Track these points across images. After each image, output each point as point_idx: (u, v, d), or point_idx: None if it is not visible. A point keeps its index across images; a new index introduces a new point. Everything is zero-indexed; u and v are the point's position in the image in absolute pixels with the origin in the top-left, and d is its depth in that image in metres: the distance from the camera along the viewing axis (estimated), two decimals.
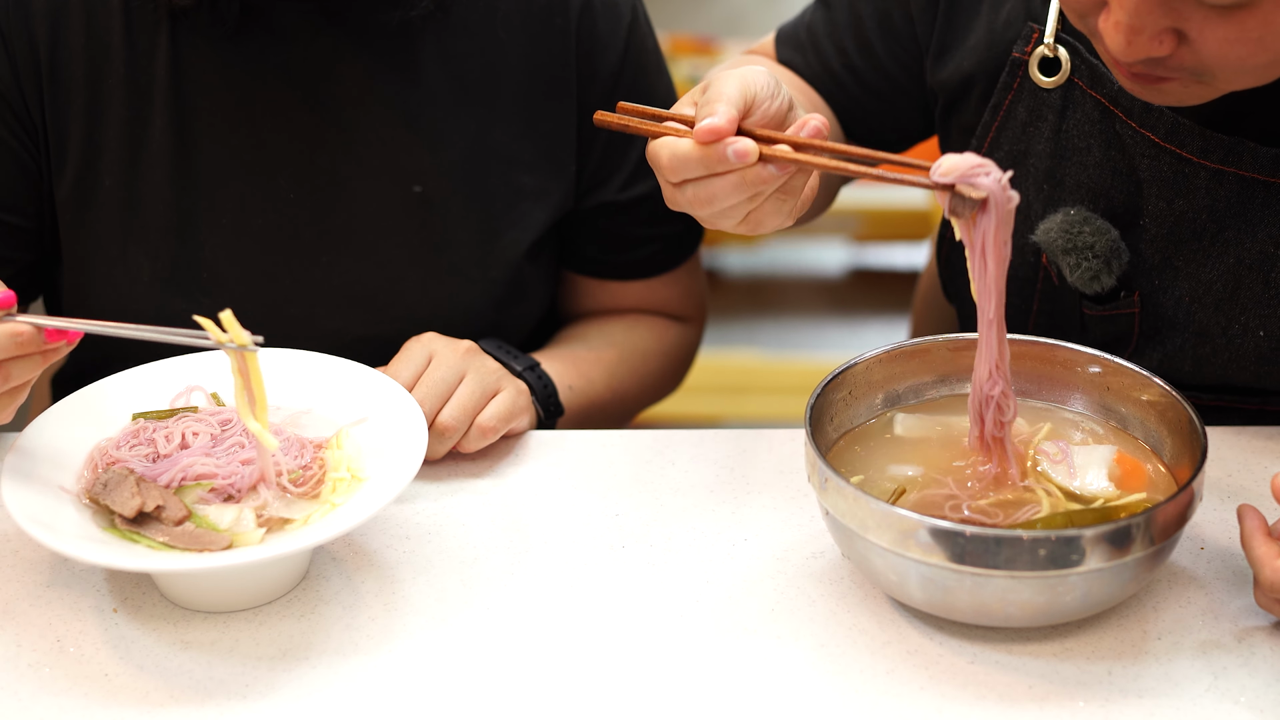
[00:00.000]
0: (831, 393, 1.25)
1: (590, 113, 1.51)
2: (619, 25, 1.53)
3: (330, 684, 1.13)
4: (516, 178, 1.50)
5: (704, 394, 3.03)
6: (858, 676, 1.13)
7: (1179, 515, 1.12)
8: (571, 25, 1.50)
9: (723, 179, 1.17)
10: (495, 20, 1.47)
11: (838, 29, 1.52)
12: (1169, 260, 1.34)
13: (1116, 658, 1.14)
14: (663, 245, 1.61)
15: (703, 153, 1.17)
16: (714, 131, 1.16)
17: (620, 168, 1.56)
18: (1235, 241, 1.32)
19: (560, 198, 1.54)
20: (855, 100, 1.53)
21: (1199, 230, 1.33)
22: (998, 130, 1.40)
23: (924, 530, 1.09)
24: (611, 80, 1.53)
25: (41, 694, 1.12)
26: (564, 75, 1.50)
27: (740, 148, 1.15)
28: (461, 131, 1.47)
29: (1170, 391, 1.21)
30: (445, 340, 1.39)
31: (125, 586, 1.22)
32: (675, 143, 1.18)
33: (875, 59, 1.51)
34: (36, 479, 1.19)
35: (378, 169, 1.45)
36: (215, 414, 1.28)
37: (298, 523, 1.18)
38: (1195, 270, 1.34)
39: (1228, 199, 1.31)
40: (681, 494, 1.33)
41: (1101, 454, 1.23)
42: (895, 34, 1.49)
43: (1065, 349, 1.28)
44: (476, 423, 1.35)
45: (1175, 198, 1.32)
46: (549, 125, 1.51)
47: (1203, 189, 1.31)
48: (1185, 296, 1.35)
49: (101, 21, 1.40)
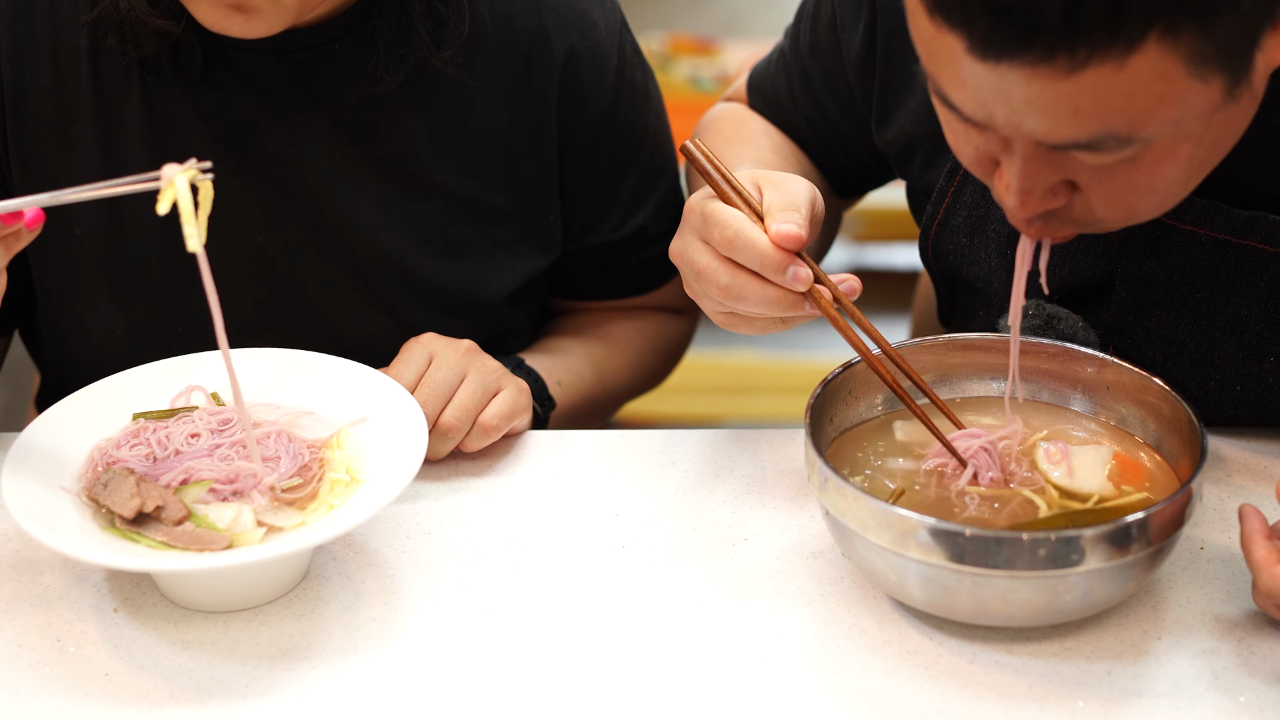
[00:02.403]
0: (831, 393, 1.25)
1: (575, 162, 1.48)
2: (605, 69, 1.48)
3: (330, 684, 1.13)
4: (492, 230, 1.47)
5: (704, 394, 3.03)
6: (858, 676, 1.13)
7: (1179, 515, 1.12)
8: (554, 75, 1.45)
9: (765, 287, 1.19)
10: (472, 71, 1.42)
11: (794, 85, 1.53)
12: (1141, 322, 1.32)
13: (1116, 658, 1.14)
14: (661, 261, 1.59)
15: (770, 253, 1.18)
16: (797, 240, 1.18)
17: (612, 209, 1.54)
18: (1208, 304, 1.29)
19: (542, 248, 1.51)
20: (822, 149, 1.54)
21: (1171, 292, 1.30)
22: (953, 196, 1.38)
23: (924, 530, 1.09)
24: (600, 126, 1.49)
25: (41, 694, 1.12)
26: (544, 127, 1.46)
27: (802, 273, 1.19)
28: (434, 184, 1.44)
29: (1170, 392, 1.21)
30: (445, 340, 1.38)
31: (125, 586, 1.22)
32: (750, 225, 1.19)
33: (828, 117, 1.51)
34: (36, 479, 1.19)
35: (352, 222, 1.42)
36: (215, 414, 1.28)
37: (297, 523, 1.18)
38: (1168, 331, 1.32)
39: (1200, 261, 1.28)
40: (681, 494, 1.33)
41: (1101, 454, 1.23)
42: (840, 96, 1.49)
43: (1065, 349, 1.28)
44: (479, 421, 1.34)
45: (1147, 260, 1.30)
46: (527, 178, 1.47)
47: (1175, 251, 1.29)
48: (1159, 355, 1.33)
49: (69, 65, 1.37)
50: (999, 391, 1.30)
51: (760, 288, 1.19)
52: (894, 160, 1.46)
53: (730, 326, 1.25)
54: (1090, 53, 0.96)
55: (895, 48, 1.40)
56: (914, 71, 1.39)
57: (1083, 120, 1.01)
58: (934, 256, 1.42)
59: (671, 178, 1.59)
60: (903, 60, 1.39)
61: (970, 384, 1.31)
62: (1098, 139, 1.02)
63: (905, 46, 1.38)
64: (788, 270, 1.18)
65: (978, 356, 1.30)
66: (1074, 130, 1.02)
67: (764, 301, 1.19)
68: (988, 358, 1.30)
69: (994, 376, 1.31)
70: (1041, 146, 1.05)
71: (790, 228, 1.18)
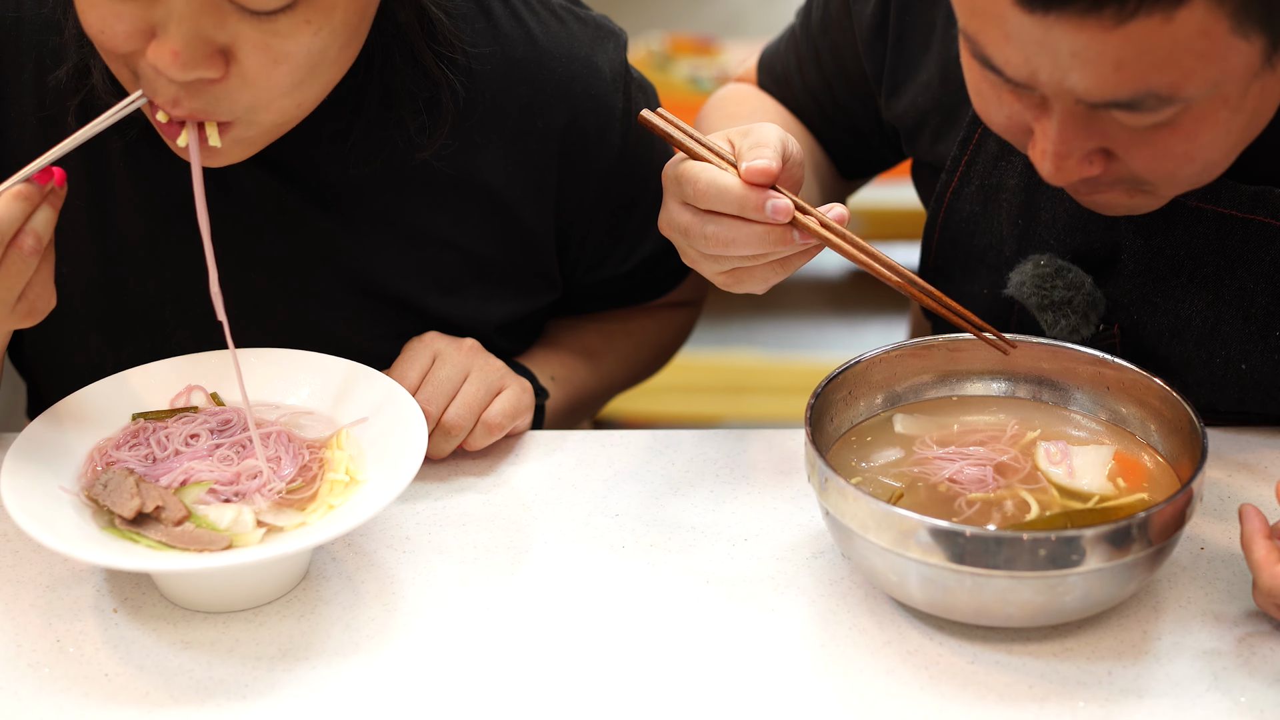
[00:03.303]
0: (831, 393, 1.25)
1: (578, 213, 1.45)
2: (611, 119, 1.43)
3: (330, 684, 1.13)
4: (490, 274, 1.44)
5: (704, 394, 3.03)
6: (858, 676, 1.13)
7: (1179, 515, 1.12)
8: (554, 128, 1.40)
9: (750, 226, 1.19)
10: (471, 122, 1.38)
11: (803, 63, 1.54)
12: (1147, 297, 1.33)
13: (1116, 658, 1.14)
14: (669, 272, 1.58)
15: (743, 192, 1.18)
16: (766, 173, 1.18)
17: (619, 245, 1.51)
18: (1214, 279, 1.30)
19: (540, 292, 1.48)
20: (828, 127, 1.55)
21: (1177, 267, 1.31)
22: (967, 165, 1.38)
23: (924, 530, 1.09)
24: (608, 174, 1.45)
25: (41, 694, 1.12)
26: (544, 178, 1.41)
27: (780, 204, 1.18)
28: (428, 234, 1.40)
29: (1170, 392, 1.21)
30: (448, 339, 1.38)
31: (125, 586, 1.22)
32: (719, 172, 1.20)
33: (835, 96, 1.52)
34: (36, 479, 1.19)
35: (345, 265, 1.39)
36: (215, 414, 1.28)
37: (297, 523, 1.18)
38: (1174, 306, 1.32)
39: (1206, 236, 1.29)
40: (681, 494, 1.33)
41: (1101, 454, 1.23)
42: (849, 73, 1.50)
43: (1066, 349, 1.28)
44: (482, 419, 1.34)
45: (1153, 235, 1.31)
46: (525, 228, 1.43)
47: (1181, 226, 1.30)
48: (1165, 331, 1.33)
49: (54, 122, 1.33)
50: (999, 391, 1.31)
51: (745, 228, 1.19)
52: (903, 134, 1.47)
53: (734, 285, 1.25)
54: (1139, 4, 0.99)
55: (908, 19, 1.41)
56: (926, 43, 1.40)
57: (1126, 76, 1.03)
58: (943, 229, 1.42)
59: None
60: (914, 31, 1.41)
61: (970, 384, 1.31)
62: (1139, 97, 1.04)
63: (918, 18, 1.40)
64: (766, 205, 1.18)
65: (978, 356, 1.30)
66: (1116, 86, 1.04)
67: (752, 240, 1.19)
68: (988, 358, 1.30)
69: (994, 376, 1.31)
70: (1081, 105, 1.07)
71: (760, 163, 1.18)
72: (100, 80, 1.28)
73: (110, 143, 1.34)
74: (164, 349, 1.36)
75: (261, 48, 1.14)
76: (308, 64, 1.17)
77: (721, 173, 1.19)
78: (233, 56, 1.15)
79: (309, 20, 1.15)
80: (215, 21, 1.13)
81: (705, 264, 1.24)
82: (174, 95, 1.16)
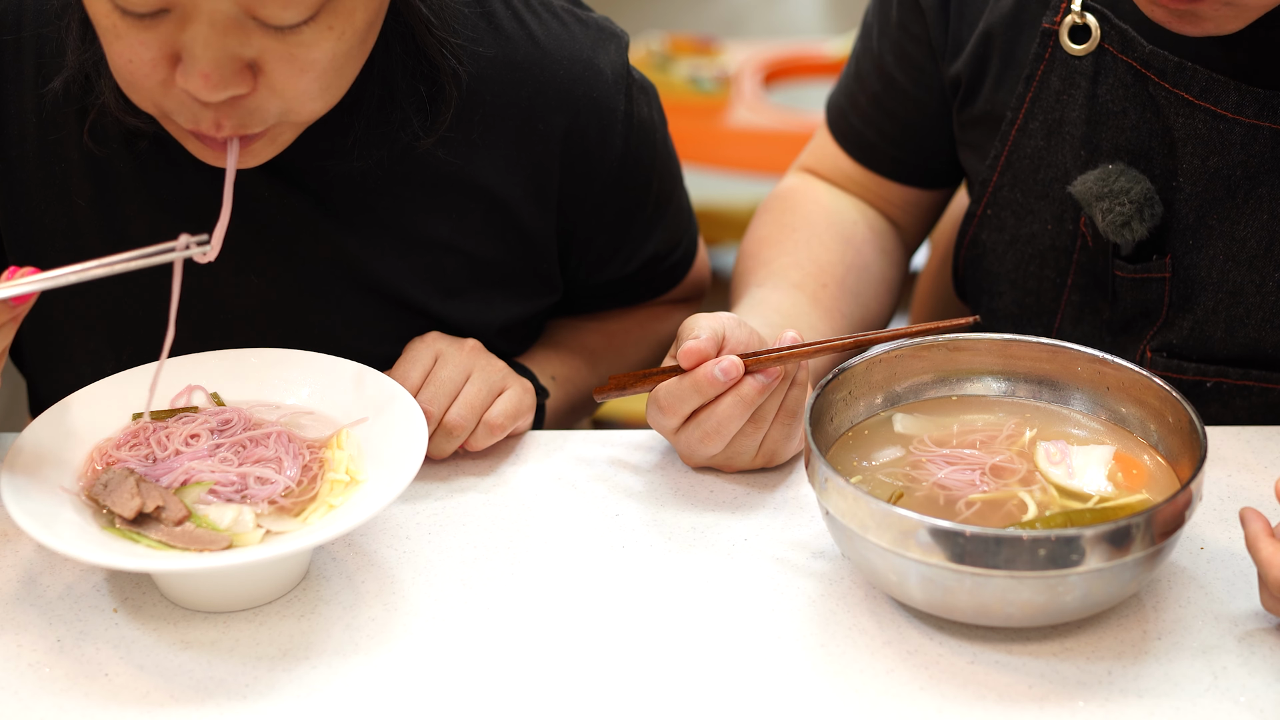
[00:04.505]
0: (831, 393, 1.25)
1: (580, 216, 1.44)
2: (613, 121, 1.42)
3: (330, 684, 1.13)
4: (491, 277, 1.43)
5: None
6: (858, 676, 1.13)
7: (1179, 515, 1.12)
8: (556, 130, 1.39)
9: (721, 402, 1.26)
10: (471, 126, 1.37)
11: (864, 79, 1.59)
12: (1203, 219, 1.38)
13: (1116, 658, 1.14)
14: (672, 267, 1.58)
15: (693, 380, 1.25)
16: (699, 353, 1.25)
17: (623, 247, 1.51)
18: (1269, 197, 1.35)
19: (541, 295, 1.48)
20: (890, 145, 1.60)
21: (1233, 187, 1.36)
22: (1031, 101, 1.43)
23: (924, 530, 1.09)
24: (611, 178, 1.44)
25: (41, 694, 1.12)
26: (546, 181, 1.41)
27: (726, 364, 1.25)
28: (430, 237, 1.39)
29: (1170, 392, 1.22)
30: (450, 339, 1.38)
31: (125, 586, 1.22)
32: (666, 382, 1.28)
33: (901, 91, 1.56)
34: (36, 479, 1.19)
35: (347, 268, 1.38)
36: (215, 414, 1.28)
37: (297, 523, 1.18)
38: (1229, 228, 1.37)
39: (1262, 154, 1.34)
40: (681, 494, 1.33)
41: (1101, 454, 1.23)
42: (910, 60, 1.54)
43: (1066, 349, 1.28)
44: (484, 420, 1.34)
45: (1210, 155, 1.36)
46: (527, 231, 1.43)
47: (1237, 144, 1.35)
48: (1219, 255, 1.38)
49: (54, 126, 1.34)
50: (999, 391, 1.31)
51: (720, 407, 1.27)
52: (964, 90, 1.50)
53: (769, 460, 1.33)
54: None
55: None
56: None
57: None
58: (1004, 170, 1.47)
59: (679, 195, 1.57)
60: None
61: (970, 384, 1.31)
62: None
63: None
64: (715, 372, 1.25)
65: (978, 356, 1.30)
66: None
67: (733, 411, 1.27)
68: (988, 358, 1.30)
69: (994, 376, 1.31)
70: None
71: (688, 344, 1.25)
72: (112, 99, 1.27)
73: (116, 162, 1.34)
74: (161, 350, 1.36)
75: (287, 59, 1.15)
76: (333, 67, 1.18)
77: (668, 381, 1.28)
78: (260, 69, 1.15)
79: (332, 26, 1.16)
80: (240, 39, 1.13)
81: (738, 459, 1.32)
82: (214, 120, 1.17)
